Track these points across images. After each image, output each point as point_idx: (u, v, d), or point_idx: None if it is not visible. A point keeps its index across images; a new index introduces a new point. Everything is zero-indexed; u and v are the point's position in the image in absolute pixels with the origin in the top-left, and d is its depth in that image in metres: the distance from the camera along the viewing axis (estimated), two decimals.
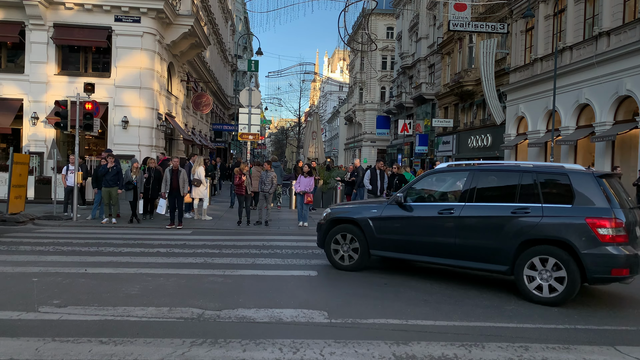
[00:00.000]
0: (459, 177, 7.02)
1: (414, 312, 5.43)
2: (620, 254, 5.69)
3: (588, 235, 5.78)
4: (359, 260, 7.44)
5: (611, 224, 5.72)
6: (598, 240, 5.74)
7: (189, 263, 7.73)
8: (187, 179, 11.98)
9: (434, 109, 38.71)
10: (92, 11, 17.94)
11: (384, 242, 7.24)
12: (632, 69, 17.36)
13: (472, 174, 6.78)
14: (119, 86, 18.24)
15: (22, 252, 8.25)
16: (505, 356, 4.21)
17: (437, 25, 37.47)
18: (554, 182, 6.30)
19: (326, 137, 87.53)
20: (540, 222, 6.04)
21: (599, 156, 19.27)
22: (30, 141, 18.07)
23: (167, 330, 4.62)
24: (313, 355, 4.09)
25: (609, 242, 5.73)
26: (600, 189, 5.94)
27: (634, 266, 5.80)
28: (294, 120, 61.18)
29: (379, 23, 54.73)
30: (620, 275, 5.77)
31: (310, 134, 25.14)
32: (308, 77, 63.44)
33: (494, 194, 6.65)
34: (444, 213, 6.73)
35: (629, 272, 5.76)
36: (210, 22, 31.87)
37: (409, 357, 4.13)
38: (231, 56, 46.12)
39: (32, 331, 4.48)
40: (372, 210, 7.48)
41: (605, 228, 5.73)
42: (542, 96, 22.64)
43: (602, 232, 5.74)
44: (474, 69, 29.85)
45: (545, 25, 23.15)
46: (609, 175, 6.43)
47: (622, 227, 5.75)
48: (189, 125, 26.91)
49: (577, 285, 5.84)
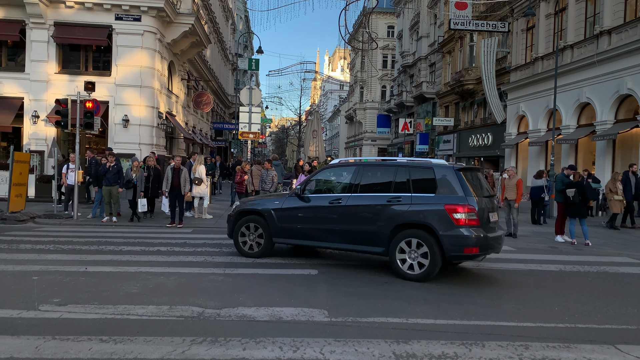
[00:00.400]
0: (349, 171, 7.80)
1: (414, 310, 5.43)
2: (471, 235, 6.63)
3: (446, 219, 6.69)
4: (264, 248, 8.13)
5: (464, 210, 6.64)
6: (453, 223, 6.64)
7: (189, 262, 7.73)
8: (188, 178, 11.99)
9: (434, 108, 38.68)
10: (92, 10, 17.94)
11: (285, 231, 7.93)
12: (633, 68, 17.34)
13: (359, 168, 7.66)
14: (120, 85, 18.24)
15: (23, 251, 8.25)
16: (506, 355, 4.21)
17: (438, 24, 37.42)
18: (422, 175, 7.16)
19: (327, 135, 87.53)
20: (408, 209, 6.96)
21: (600, 155, 19.26)
22: (30, 140, 18.08)
23: (168, 328, 4.62)
24: (313, 354, 4.09)
25: (462, 225, 6.64)
26: (458, 181, 6.83)
27: (483, 246, 6.76)
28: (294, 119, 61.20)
29: (380, 22, 54.69)
30: (471, 253, 6.73)
31: (310, 133, 25.16)
32: (309, 75, 63.59)
33: (375, 186, 7.48)
34: (334, 203, 7.54)
35: (478, 250, 6.74)
36: (211, 20, 31.85)
37: (409, 355, 4.12)
38: (232, 55, 46.10)
39: (32, 329, 4.48)
40: (275, 202, 8.19)
41: (460, 213, 6.63)
42: (543, 95, 22.62)
43: (457, 216, 6.64)
44: (474, 67, 29.82)
45: (546, 23, 23.12)
46: (467, 169, 7.34)
47: (474, 213, 6.67)
48: (189, 123, 26.91)
49: (439, 263, 6.76)
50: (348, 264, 7.98)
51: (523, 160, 25.57)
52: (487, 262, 8.47)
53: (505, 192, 11.80)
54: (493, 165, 29.01)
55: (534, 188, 14.62)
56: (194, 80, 27.91)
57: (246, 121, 18.89)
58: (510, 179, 11.79)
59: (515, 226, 11.59)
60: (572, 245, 10.63)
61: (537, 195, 14.51)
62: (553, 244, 10.82)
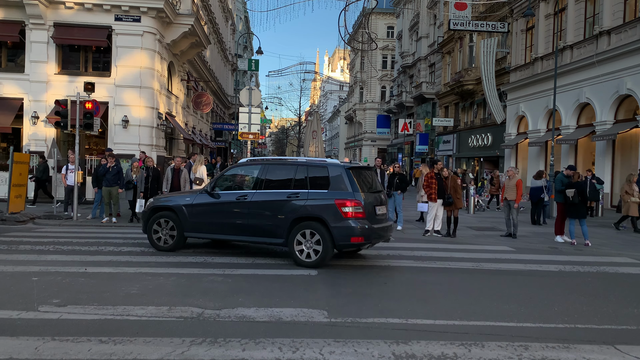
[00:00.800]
0: (255, 170, 8.44)
1: (413, 311, 5.43)
2: (357, 226, 7.41)
3: (336, 212, 7.43)
4: (176, 242, 8.55)
5: (352, 204, 7.41)
6: (342, 216, 7.40)
7: (188, 262, 7.73)
8: (188, 178, 11.99)
9: (434, 108, 38.69)
10: (92, 10, 17.93)
11: (196, 225, 8.40)
12: (633, 68, 17.35)
13: (264, 167, 8.33)
14: (119, 85, 18.23)
15: (22, 252, 8.25)
16: (505, 355, 4.21)
17: (438, 25, 37.44)
18: (318, 173, 7.87)
19: (327, 136, 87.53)
20: (305, 204, 7.64)
21: (600, 155, 19.27)
22: (30, 140, 18.07)
23: (167, 329, 4.62)
24: (312, 355, 4.09)
25: (349, 217, 7.41)
26: (347, 179, 7.60)
27: (368, 236, 7.54)
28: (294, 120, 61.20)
29: (379, 22, 54.71)
30: (357, 242, 7.55)
31: (310, 133, 25.12)
32: (308, 76, 63.53)
33: (277, 183, 8.08)
34: (240, 199, 8.12)
35: (363, 239, 7.54)
36: (211, 21, 31.85)
37: (409, 356, 4.12)
38: (231, 55, 46.10)
39: (31, 330, 4.48)
40: (186, 198, 8.67)
41: (347, 207, 7.40)
42: (543, 95, 22.62)
43: (345, 210, 7.41)
44: (474, 68, 29.83)
45: (545, 24, 23.13)
46: (357, 168, 8.18)
47: (360, 206, 7.44)
48: (189, 124, 26.90)
49: (330, 251, 7.54)
50: (348, 264, 7.98)
51: (523, 161, 25.57)
52: (487, 262, 8.48)
53: (505, 193, 11.80)
54: (493, 166, 29.02)
55: (534, 188, 14.62)
56: (193, 81, 27.91)
57: (246, 122, 18.88)
58: (510, 179, 11.79)
59: (515, 226, 11.60)
60: (571, 246, 10.63)
61: (537, 195, 14.51)
62: (553, 244, 10.82)
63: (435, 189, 11.28)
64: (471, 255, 9.17)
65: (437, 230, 11.59)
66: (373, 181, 8.51)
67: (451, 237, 11.38)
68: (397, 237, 11.26)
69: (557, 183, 11.30)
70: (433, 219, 11.53)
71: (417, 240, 10.97)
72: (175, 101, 23.27)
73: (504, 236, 11.69)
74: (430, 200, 11.45)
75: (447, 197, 11.23)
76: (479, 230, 12.84)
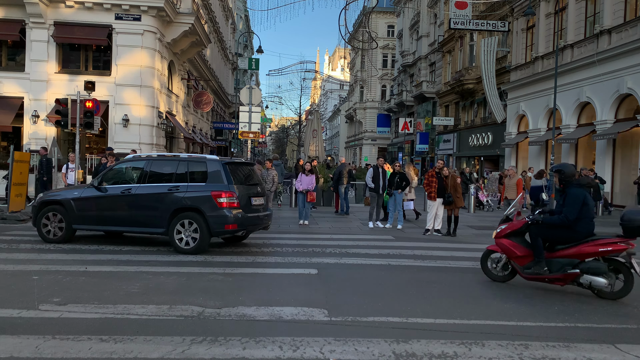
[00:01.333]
0: (141, 164, 9.00)
1: (414, 310, 5.43)
2: (230, 215, 8.17)
3: (211, 203, 8.16)
4: (64, 234, 8.94)
5: (226, 195, 8.18)
6: (217, 206, 8.15)
7: (189, 261, 7.73)
8: None
9: (434, 107, 38.68)
10: (92, 9, 17.92)
11: (83, 218, 8.88)
12: (633, 67, 17.34)
13: (149, 162, 8.93)
14: (120, 84, 18.23)
15: (23, 250, 8.26)
16: (505, 354, 4.21)
17: (438, 24, 37.41)
18: (197, 168, 8.56)
19: (327, 135, 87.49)
20: (184, 195, 8.31)
21: (600, 154, 19.26)
22: (30, 139, 18.06)
23: (167, 328, 4.62)
24: (313, 353, 4.09)
25: (224, 207, 8.16)
26: (223, 173, 8.32)
27: (241, 223, 8.35)
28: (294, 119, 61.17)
29: (380, 21, 54.68)
30: (231, 229, 8.29)
31: (310, 132, 25.15)
32: (309, 75, 63.48)
33: (160, 177, 8.68)
34: (125, 192, 8.68)
35: (237, 226, 8.31)
36: (211, 20, 31.84)
37: (409, 355, 4.12)
38: (232, 54, 46.09)
39: (32, 329, 4.48)
40: (74, 192, 9.17)
41: (222, 198, 8.16)
42: (543, 94, 22.62)
43: (220, 200, 8.16)
44: (474, 67, 29.82)
45: (546, 23, 23.12)
46: (233, 163, 8.95)
47: (234, 197, 8.24)
48: (189, 123, 26.90)
49: (207, 238, 8.25)
50: (348, 263, 7.98)
51: (523, 160, 25.57)
52: None
53: (506, 192, 11.80)
54: (493, 165, 29.02)
55: (534, 187, 14.62)
56: (194, 80, 27.90)
57: (246, 121, 18.87)
58: (510, 178, 11.79)
59: None
60: None
61: (537, 194, 14.50)
62: None
63: (435, 188, 11.28)
64: (471, 254, 9.16)
65: (437, 229, 11.59)
66: (251, 175, 9.38)
67: (451, 236, 11.38)
68: (397, 236, 11.26)
69: None
70: (433, 218, 11.53)
71: (417, 239, 10.98)
72: (175, 100, 23.27)
73: None
74: (430, 199, 11.46)
75: (447, 196, 11.23)
76: (479, 230, 12.84)
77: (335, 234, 11.46)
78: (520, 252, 6.54)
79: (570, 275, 6.18)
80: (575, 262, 6.20)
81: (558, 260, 6.31)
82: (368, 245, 9.71)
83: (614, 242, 6.06)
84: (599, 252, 6.08)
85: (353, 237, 10.98)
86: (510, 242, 6.66)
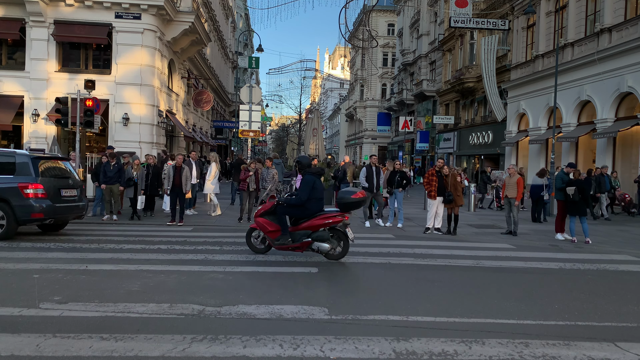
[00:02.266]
0: None
1: (414, 308, 5.43)
2: (36, 205, 8.94)
3: (18, 194, 8.91)
4: None
5: (32, 187, 8.95)
6: (24, 196, 8.92)
7: (189, 260, 7.73)
8: (189, 176, 12.00)
9: (435, 106, 38.66)
10: (92, 8, 17.93)
11: None
12: (634, 66, 17.32)
13: None
14: (120, 83, 18.24)
15: (23, 249, 8.26)
16: (506, 352, 4.21)
17: (438, 22, 37.38)
18: (6, 160, 9.22)
19: (327, 134, 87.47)
20: None
21: (600, 153, 19.26)
22: (31, 138, 18.09)
23: (168, 326, 4.62)
24: (313, 352, 4.09)
25: (31, 198, 8.95)
26: (31, 166, 9.06)
27: (47, 213, 9.10)
28: (294, 117, 61.14)
29: (380, 20, 54.63)
30: (37, 217, 9.05)
31: (311, 131, 25.15)
32: (309, 74, 63.50)
33: None
34: None
35: (43, 215, 9.07)
36: (211, 18, 31.81)
37: (409, 353, 4.13)
38: (232, 53, 46.06)
39: (33, 327, 4.48)
40: None
41: (29, 189, 8.94)
42: (543, 93, 22.60)
43: (27, 191, 8.94)
44: (475, 65, 29.80)
45: (546, 21, 23.10)
46: (43, 158, 9.72)
47: (41, 189, 9.01)
48: (189, 122, 26.90)
49: (14, 225, 8.95)
50: (348, 261, 7.98)
51: (523, 159, 25.56)
52: (488, 260, 8.48)
53: (506, 190, 11.80)
54: (493, 164, 29.04)
55: (534, 186, 14.62)
56: (194, 79, 27.90)
57: (246, 119, 18.88)
58: (510, 177, 11.78)
59: (515, 224, 11.60)
60: (572, 243, 10.63)
61: (537, 193, 14.51)
62: (553, 242, 10.82)
63: (435, 187, 11.29)
64: (471, 252, 9.18)
65: (437, 227, 11.60)
66: (62, 169, 10.12)
67: (451, 234, 11.39)
68: (397, 235, 11.26)
69: (558, 181, 11.29)
70: (433, 217, 11.54)
71: (417, 237, 10.98)
72: (175, 99, 23.26)
73: (505, 234, 11.69)
74: (430, 197, 11.46)
75: (447, 195, 11.23)
76: (479, 228, 12.84)
77: None
78: (271, 228, 7.91)
79: (305, 243, 7.75)
80: (309, 232, 7.75)
81: (298, 232, 7.83)
82: (368, 244, 9.71)
83: (333, 215, 7.80)
84: (324, 224, 7.75)
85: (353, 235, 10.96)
86: (264, 220, 7.98)
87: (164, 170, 12.69)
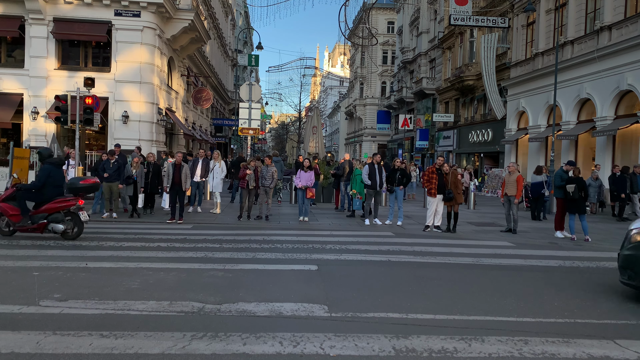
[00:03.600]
0: None
1: (414, 306, 5.44)
2: None
3: None
4: None
5: None
6: None
7: (189, 257, 7.74)
8: (189, 174, 12.01)
9: (434, 104, 38.65)
10: (91, 5, 17.90)
11: None
12: (634, 64, 17.31)
13: None
14: (119, 81, 18.22)
15: (23, 247, 8.26)
16: (505, 350, 4.22)
17: (438, 20, 37.34)
18: None
19: (327, 132, 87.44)
20: None
21: (600, 151, 19.26)
22: (30, 136, 18.08)
23: (168, 324, 4.63)
24: (313, 349, 4.10)
25: None
26: None
27: None
28: (294, 115, 61.12)
29: (380, 17, 54.57)
30: None
31: (310, 129, 25.14)
32: (308, 71, 63.43)
33: None
34: None
35: None
36: (211, 16, 31.77)
37: (409, 350, 4.14)
38: (231, 51, 46.01)
39: (33, 325, 4.49)
40: None
41: None
42: (543, 91, 22.59)
43: None
44: (474, 63, 29.78)
45: (546, 19, 23.07)
46: None
47: None
48: (189, 120, 26.88)
49: None
50: (348, 259, 7.99)
51: (523, 156, 25.56)
52: (487, 257, 8.50)
53: (505, 188, 11.80)
54: (493, 161, 29.02)
55: (534, 184, 14.62)
56: (193, 76, 27.88)
57: (246, 117, 18.86)
58: (510, 174, 11.79)
59: (515, 222, 11.61)
60: (571, 241, 10.65)
61: (537, 191, 14.51)
62: (553, 240, 10.83)
63: (435, 185, 11.29)
64: (471, 250, 9.19)
65: (437, 225, 11.60)
66: None
67: (451, 232, 11.40)
68: (397, 233, 11.27)
69: (557, 178, 11.29)
70: (433, 215, 11.54)
71: (417, 235, 10.99)
72: (175, 97, 23.25)
73: (504, 232, 11.70)
74: (430, 195, 11.47)
75: (447, 193, 11.24)
76: (479, 226, 12.85)
77: (335, 230, 11.48)
78: (13, 212, 8.76)
79: (42, 224, 8.65)
80: (46, 215, 8.65)
81: (38, 215, 8.69)
82: (368, 242, 9.72)
83: (67, 200, 8.79)
84: (58, 207, 8.70)
85: (353, 233, 11.00)
86: (7, 205, 8.80)
87: (163, 167, 12.69)
